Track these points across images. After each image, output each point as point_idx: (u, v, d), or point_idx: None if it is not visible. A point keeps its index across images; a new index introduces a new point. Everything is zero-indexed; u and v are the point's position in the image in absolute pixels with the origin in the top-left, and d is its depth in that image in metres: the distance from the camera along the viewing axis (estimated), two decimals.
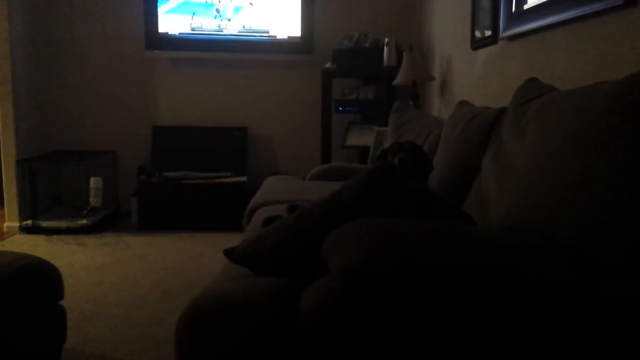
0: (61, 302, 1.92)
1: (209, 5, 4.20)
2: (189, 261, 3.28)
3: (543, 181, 1.27)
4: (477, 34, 2.83)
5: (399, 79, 3.60)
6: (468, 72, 3.01)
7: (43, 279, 1.81)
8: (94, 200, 3.97)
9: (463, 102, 2.38)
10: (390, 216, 1.23)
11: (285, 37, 4.25)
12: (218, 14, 4.21)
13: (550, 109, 1.37)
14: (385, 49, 3.88)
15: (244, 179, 4.08)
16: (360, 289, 0.96)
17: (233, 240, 3.10)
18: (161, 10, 4.16)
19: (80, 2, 4.26)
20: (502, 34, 2.45)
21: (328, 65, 4.05)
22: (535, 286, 0.97)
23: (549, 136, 1.31)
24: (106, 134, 4.39)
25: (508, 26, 2.38)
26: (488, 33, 2.63)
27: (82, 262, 3.23)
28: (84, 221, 3.88)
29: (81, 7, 4.27)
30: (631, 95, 1.11)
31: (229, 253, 1.42)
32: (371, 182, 1.28)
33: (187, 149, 4.31)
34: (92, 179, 3.96)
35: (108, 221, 4.13)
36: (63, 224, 3.89)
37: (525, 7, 2.24)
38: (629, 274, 1.02)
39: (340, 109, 4.15)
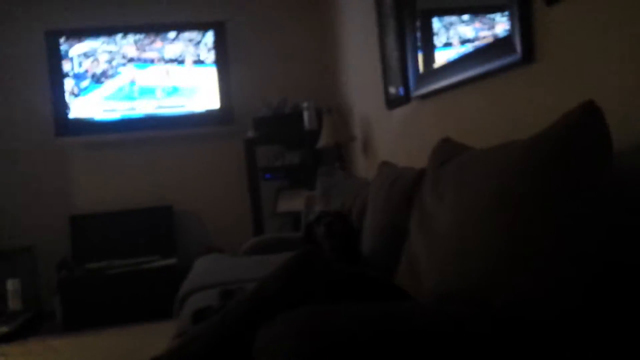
0: None
1: (121, 89, 4.13)
2: None
3: (467, 245, 1.26)
4: (392, 92, 2.87)
5: (321, 142, 3.61)
6: (387, 131, 3.06)
7: None
8: (14, 303, 3.68)
9: (385, 164, 2.39)
10: (319, 303, 1.19)
11: (203, 110, 4.20)
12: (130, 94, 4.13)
13: (465, 173, 1.37)
14: (305, 113, 3.90)
15: (173, 260, 3.90)
16: None
17: (165, 330, 2.90)
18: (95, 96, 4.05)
19: None
20: (413, 94, 2.50)
21: (249, 134, 4.02)
22: None
23: (466, 201, 1.31)
24: (20, 228, 4.10)
25: (418, 86, 2.44)
26: (400, 93, 2.68)
27: None
28: (4, 328, 3.56)
29: None
30: (538, 155, 1.12)
31: None
32: (294, 272, 1.24)
33: (110, 236, 4.10)
34: (8, 282, 3.67)
35: (31, 324, 3.80)
36: None
37: (435, 66, 2.31)
38: (564, 333, 1.01)
39: (268, 176, 4.11)
